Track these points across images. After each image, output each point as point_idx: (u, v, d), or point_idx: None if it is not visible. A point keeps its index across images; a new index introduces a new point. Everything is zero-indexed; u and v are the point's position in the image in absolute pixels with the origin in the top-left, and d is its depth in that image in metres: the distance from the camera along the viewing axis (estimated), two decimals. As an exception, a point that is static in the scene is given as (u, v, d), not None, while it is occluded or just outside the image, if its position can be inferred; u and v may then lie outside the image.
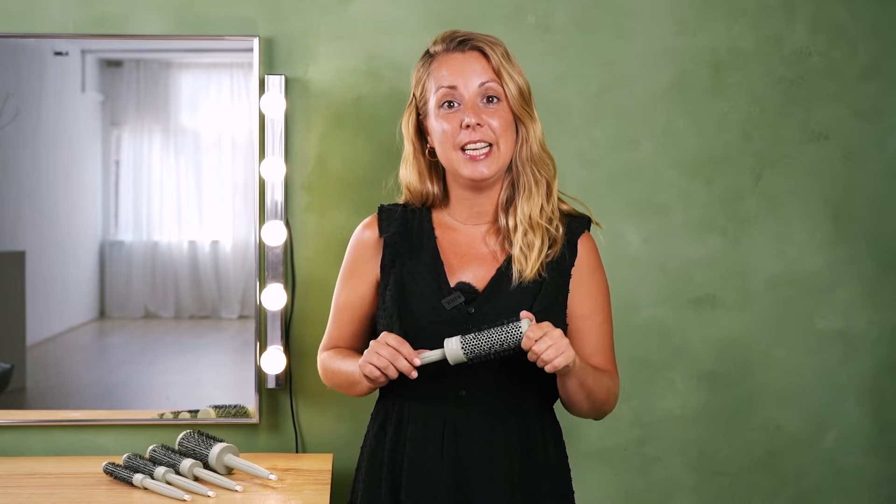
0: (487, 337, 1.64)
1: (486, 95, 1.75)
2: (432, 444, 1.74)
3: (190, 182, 2.28)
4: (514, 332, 1.63)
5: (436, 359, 1.66)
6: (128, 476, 1.99)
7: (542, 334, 1.62)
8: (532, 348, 1.62)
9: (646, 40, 2.32)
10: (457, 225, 1.83)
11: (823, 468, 2.39)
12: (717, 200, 2.35)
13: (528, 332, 1.62)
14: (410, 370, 1.65)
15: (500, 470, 1.74)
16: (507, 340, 1.63)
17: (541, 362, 1.62)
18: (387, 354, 1.65)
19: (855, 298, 2.38)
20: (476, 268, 1.79)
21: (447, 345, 1.65)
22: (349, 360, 1.81)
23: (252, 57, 2.22)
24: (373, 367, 1.66)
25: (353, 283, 1.86)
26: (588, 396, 1.75)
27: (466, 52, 1.77)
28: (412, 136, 1.82)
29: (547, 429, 1.81)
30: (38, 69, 2.23)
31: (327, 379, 1.89)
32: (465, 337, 1.65)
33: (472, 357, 1.64)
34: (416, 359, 1.65)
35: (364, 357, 1.68)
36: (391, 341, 1.66)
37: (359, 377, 1.73)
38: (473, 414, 1.74)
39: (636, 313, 2.35)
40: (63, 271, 2.27)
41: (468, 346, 1.64)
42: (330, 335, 1.90)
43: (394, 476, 1.76)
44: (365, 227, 1.87)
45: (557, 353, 1.61)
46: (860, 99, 2.35)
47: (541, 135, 1.80)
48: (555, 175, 1.81)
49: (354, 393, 1.81)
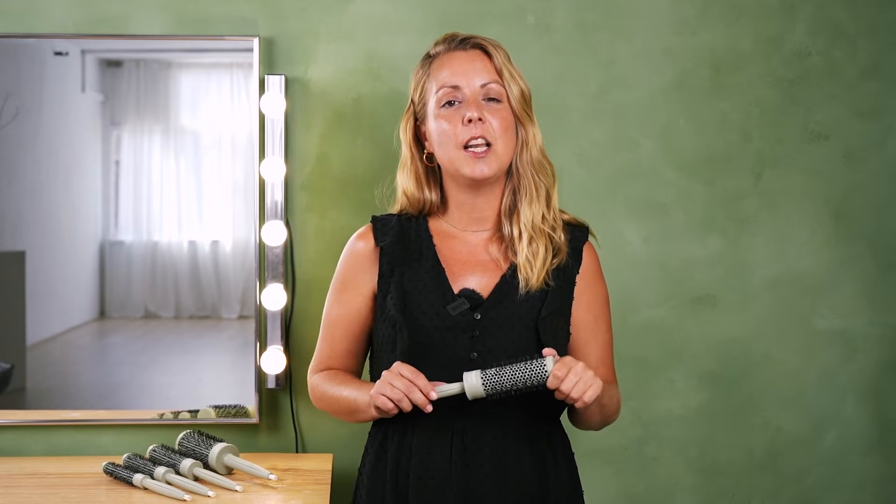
0: (510, 373, 1.58)
1: (488, 96, 1.73)
2: (440, 456, 1.69)
3: (190, 182, 2.28)
4: (539, 370, 1.58)
5: (453, 393, 1.61)
6: (128, 476, 1.99)
7: (567, 371, 1.58)
8: (560, 388, 1.58)
9: (646, 40, 2.32)
10: (455, 232, 1.80)
11: (823, 468, 2.39)
12: (717, 200, 2.35)
13: (555, 370, 1.58)
14: (426, 404, 1.59)
15: (511, 482, 1.70)
16: (531, 378, 1.58)
17: (570, 400, 1.59)
18: (402, 386, 1.59)
19: (855, 298, 2.38)
20: (480, 275, 1.75)
21: (466, 379, 1.60)
22: (349, 387, 1.75)
23: (252, 57, 2.22)
24: (386, 398, 1.60)
25: (347, 297, 1.80)
26: (602, 412, 1.74)
27: (469, 50, 1.75)
28: (410, 141, 1.80)
29: (556, 439, 1.78)
30: (38, 69, 2.23)
31: (321, 403, 1.82)
32: (486, 372, 1.59)
33: (491, 394, 1.59)
34: (432, 392, 1.59)
35: (377, 388, 1.62)
36: (406, 372, 1.60)
37: (364, 406, 1.68)
38: (482, 425, 1.70)
39: (636, 313, 2.35)
40: (63, 271, 2.27)
41: (489, 383, 1.59)
42: (321, 355, 1.83)
43: (398, 491, 1.72)
44: (358, 239, 1.82)
45: (586, 388, 1.58)
46: (860, 99, 2.35)
47: (541, 141, 1.78)
48: (554, 182, 1.78)
49: (353, 420, 1.76)
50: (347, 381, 1.77)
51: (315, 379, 1.83)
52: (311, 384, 1.85)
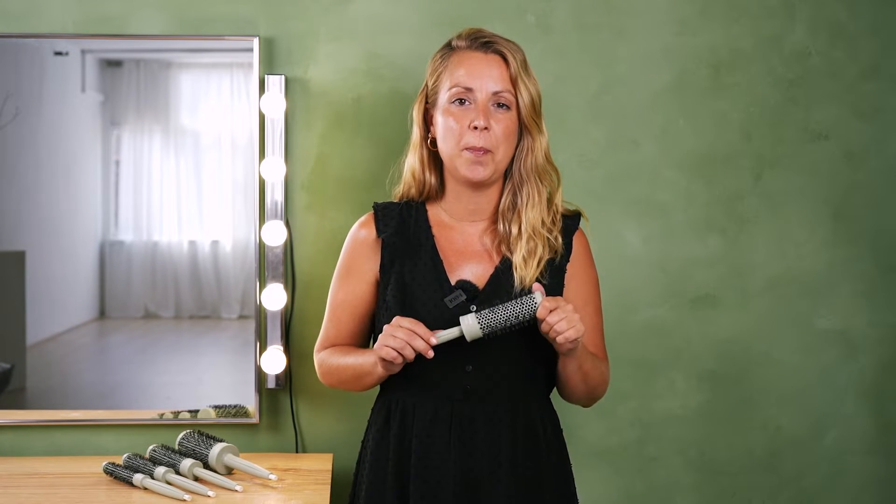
0: (502, 311, 1.67)
1: (498, 102, 1.78)
2: (440, 438, 1.76)
3: (190, 182, 2.28)
4: (529, 304, 1.67)
5: (452, 337, 1.70)
6: (128, 476, 1.99)
7: (555, 306, 1.66)
8: (546, 318, 1.66)
9: (646, 40, 2.32)
10: (452, 222, 1.85)
11: (823, 468, 2.39)
12: (717, 200, 2.35)
13: (544, 301, 1.67)
14: (427, 349, 1.67)
15: (505, 458, 1.76)
16: (522, 312, 1.67)
17: (553, 333, 1.67)
18: (403, 335, 1.67)
19: (855, 298, 2.38)
20: (474, 265, 1.81)
21: (463, 321, 1.68)
22: (354, 354, 1.83)
23: (252, 57, 2.22)
24: (389, 348, 1.68)
25: (351, 282, 1.87)
26: (584, 379, 1.79)
27: (488, 54, 1.80)
28: (419, 122, 1.85)
29: (546, 416, 1.84)
30: (38, 69, 2.23)
31: (329, 377, 1.89)
32: (480, 312, 1.68)
33: (488, 332, 1.68)
34: (432, 338, 1.68)
35: (380, 341, 1.70)
36: (405, 323, 1.69)
37: (370, 366, 1.75)
38: (479, 405, 1.77)
39: (636, 313, 2.35)
40: (63, 271, 2.27)
41: (484, 321, 1.67)
42: (327, 334, 1.90)
43: (399, 470, 1.78)
44: (361, 227, 1.88)
45: (570, 326, 1.66)
46: (860, 99, 2.35)
47: (546, 147, 1.83)
48: (558, 187, 1.84)
49: (360, 386, 1.82)
50: (352, 350, 1.85)
51: (321, 355, 1.90)
52: (317, 361, 1.91)
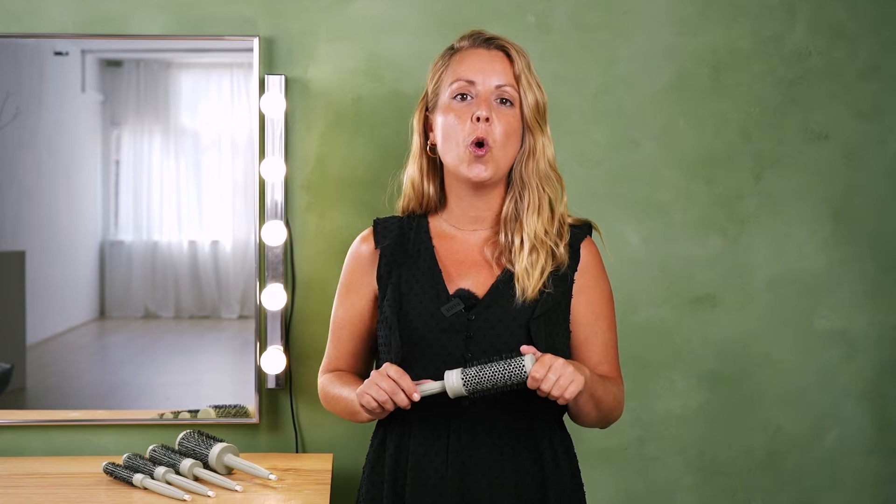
0: (490, 372, 1.59)
1: (501, 98, 1.73)
2: (437, 456, 1.70)
3: (190, 182, 2.28)
4: (518, 369, 1.58)
5: (435, 391, 1.63)
6: (128, 476, 1.99)
7: (546, 371, 1.57)
8: (540, 388, 1.58)
9: (646, 40, 2.32)
10: (454, 232, 1.80)
11: (823, 468, 2.39)
12: (717, 200, 2.35)
13: (532, 371, 1.58)
14: (407, 405, 1.62)
15: (508, 482, 1.69)
16: (511, 377, 1.59)
17: (551, 397, 1.59)
18: (387, 387, 1.61)
19: (855, 298, 2.38)
20: (475, 275, 1.76)
21: (447, 378, 1.61)
22: (349, 387, 1.75)
23: (252, 57, 2.22)
24: (371, 398, 1.62)
25: (351, 299, 1.82)
26: (597, 407, 1.72)
27: (491, 50, 1.76)
28: (419, 130, 1.81)
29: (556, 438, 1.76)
30: (38, 69, 2.23)
31: (327, 404, 1.84)
32: (466, 371, 1.61)
33: (472, 392, 1.60)
34: (415, 394, 1.61)
35: (363, 387, 1.64)
36: (392, 373, 1.62)
37: (357, 407, 1.69)
38: (478, 423, 1.70)
39: (636, 313, 2.35)
40: (63, 271, 2.27)
41: (469, 381, 1.60)
42: (329, 356, 1.86)
43: (395, 491, 1.72)
44: (361, 241, 1.84)
45: (567, 384, 1.57)
46: (860, 99, 2.35)
47: (551, 153, 1.77)
48: (562, 194, 1.78)
49: (355, 420, 1.76)
50: (349, 382, 1.79)
51: (322, 380, 1.86)
52: (319, 386, 1.87)
